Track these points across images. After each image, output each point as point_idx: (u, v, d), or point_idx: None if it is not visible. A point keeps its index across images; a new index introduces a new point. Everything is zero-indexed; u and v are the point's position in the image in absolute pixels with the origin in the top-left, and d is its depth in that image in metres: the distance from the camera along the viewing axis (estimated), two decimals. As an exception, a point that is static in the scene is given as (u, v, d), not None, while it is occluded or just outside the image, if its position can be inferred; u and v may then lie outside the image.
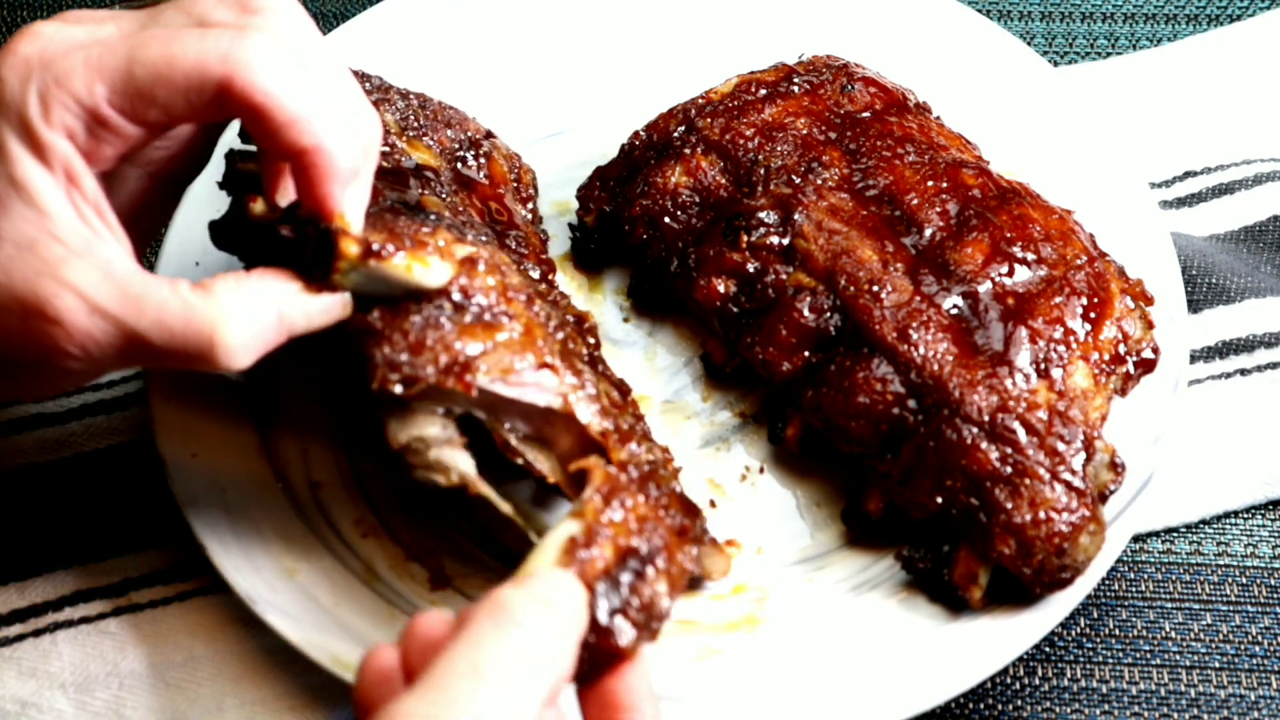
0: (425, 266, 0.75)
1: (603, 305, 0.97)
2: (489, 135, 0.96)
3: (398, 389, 0.74)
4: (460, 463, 0.77)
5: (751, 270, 0.90)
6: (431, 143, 0.92)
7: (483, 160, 0.94)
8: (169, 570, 0.89)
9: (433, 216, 0.80)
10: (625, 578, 0.71)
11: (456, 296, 0.76)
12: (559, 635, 0.65)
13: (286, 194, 0.76)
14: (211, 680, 0.85)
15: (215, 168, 0.88)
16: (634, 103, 1.03)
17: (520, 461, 0.80)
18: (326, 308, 0.74)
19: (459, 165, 0.93)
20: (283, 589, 0.84)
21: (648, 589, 0.72)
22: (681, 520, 0.77)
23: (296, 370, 0.92)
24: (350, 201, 0.73)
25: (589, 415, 0.79)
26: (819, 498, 0.90)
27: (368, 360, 0.75)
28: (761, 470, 0.91)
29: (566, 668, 0.65)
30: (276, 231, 0.74)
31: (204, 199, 0.95)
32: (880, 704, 0.80)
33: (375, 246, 0.73)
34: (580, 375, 0.80)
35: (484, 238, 0.85)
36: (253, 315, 0.70)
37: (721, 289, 0.90)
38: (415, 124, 0.93)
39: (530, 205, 0.96)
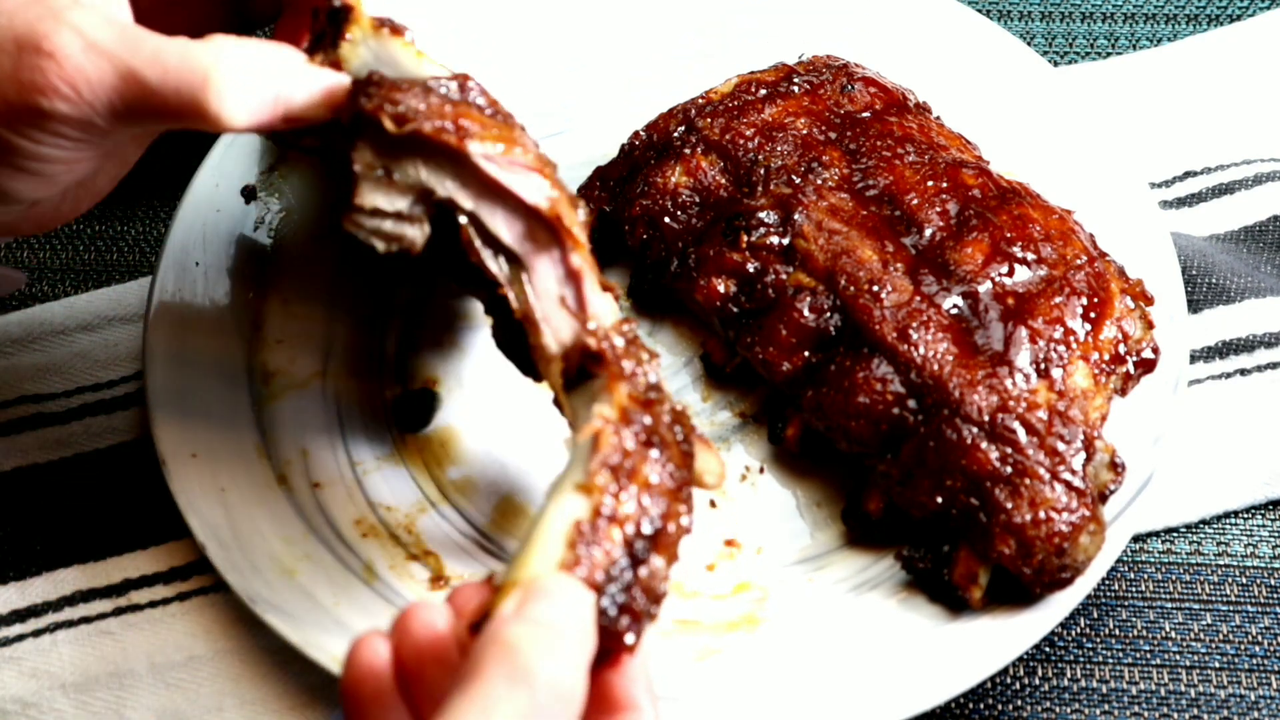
0: (434, 63, 0.72)
1: (603, 305, 0.97)
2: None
3: (389, 123, 0.70)
4: (412, 235, 0.74)
5: (751, 270, 0.90)
6: None
7: None
8: (169, 570, 0.89)
9: None
10: (628, 566, 0.68)
11: (469, 89, 0.73)
12: (573, 673, 0.61)
13: None
14: (211, 680, 0.85)
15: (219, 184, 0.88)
16: (634, 103, 1.03)
17: (477, 261, 0.75)
18: (328, 86, 0.71)
19: None
20: (282, 589, 0.84)
21: (647, 570, 0.68)
22: (682, 475, 0.72)
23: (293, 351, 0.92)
24: None
25: (577, 226, 0.75)
26: (819, 498, 0.90)
27: (362, 97, 0.71)
28: (761, 470, 0.91)
29: (580, 703, 0.61)
30: None
31: (203, 200, 0.95)
32: (880, 704, 0.80)
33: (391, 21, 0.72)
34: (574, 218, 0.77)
35: None
36: (251, 69, 0.68)
37: (721, 289, 0.90)
38: None
39: None
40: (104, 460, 0.92)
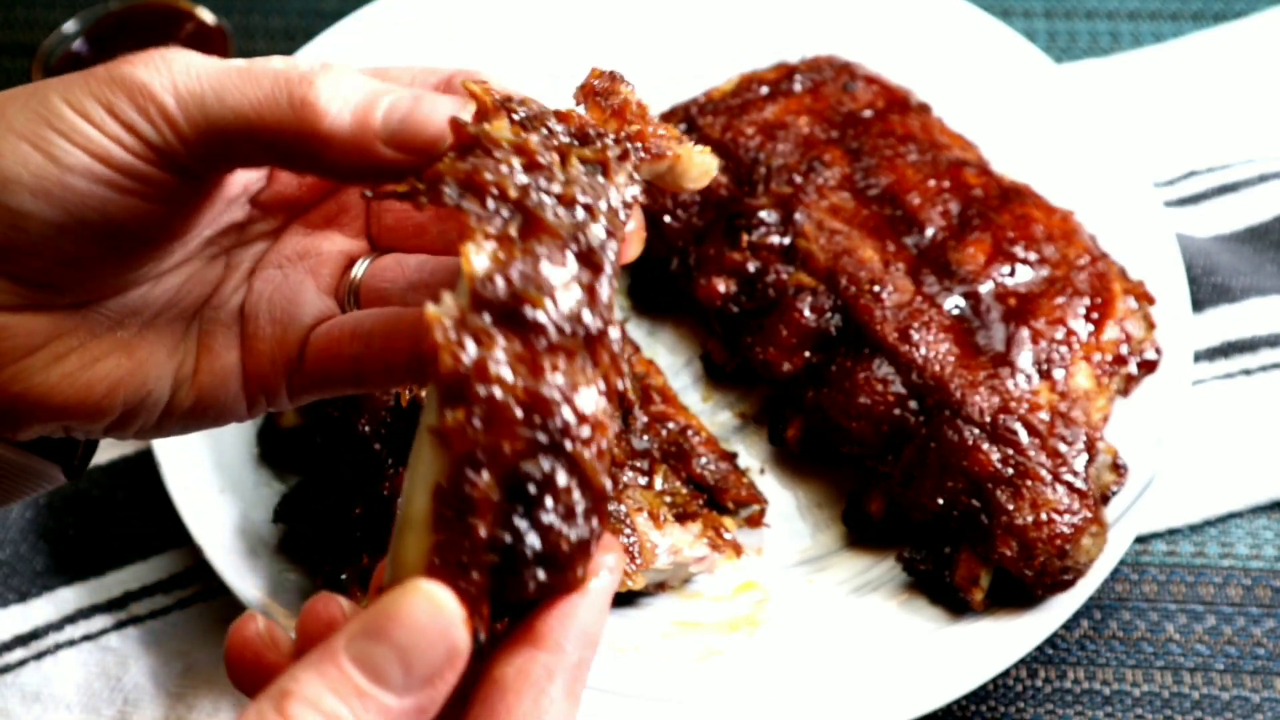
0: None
1: (603, 305, 0.97)
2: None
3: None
4: None
5: (752, 270, 0.89)
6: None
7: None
8: (168, 579, 0.88)
9: None
10: (521, 519, 0.51)
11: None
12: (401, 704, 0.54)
13: None
14: (209, 683, 0.85)
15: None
16: (634, 101, 1.03)
17: None
18: (449, 111, 0.61)
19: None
20: (281, 590, 0.83)
21: (553, 507, 0.51)
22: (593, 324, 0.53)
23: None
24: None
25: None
26: (820, 499, 0.89)
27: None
28: (762, 471, 0.90)
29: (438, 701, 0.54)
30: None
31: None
32: (881, 706, 0.80)
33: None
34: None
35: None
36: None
37: (722, 289, 0.90)
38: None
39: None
40: (104, 475, 0.92)
